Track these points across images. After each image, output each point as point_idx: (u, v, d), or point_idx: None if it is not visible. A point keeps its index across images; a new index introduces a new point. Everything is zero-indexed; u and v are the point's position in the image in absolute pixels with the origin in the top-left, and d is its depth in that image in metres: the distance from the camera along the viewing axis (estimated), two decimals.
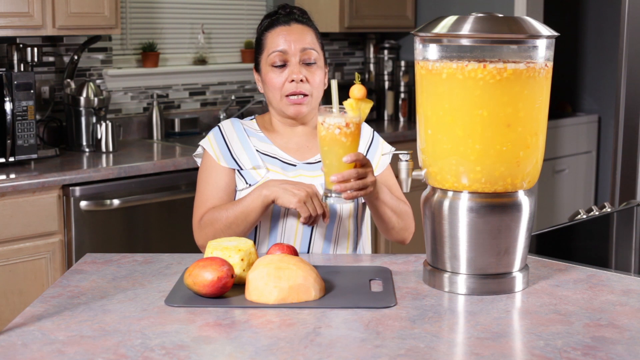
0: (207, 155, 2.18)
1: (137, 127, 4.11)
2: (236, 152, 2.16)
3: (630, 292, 1.74)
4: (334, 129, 1.79)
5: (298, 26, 2.16)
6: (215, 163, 2.16)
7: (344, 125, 1.79)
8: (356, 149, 1.83)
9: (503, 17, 1.66)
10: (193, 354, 1.40)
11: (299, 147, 2.18)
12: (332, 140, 1.80)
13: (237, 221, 2.03)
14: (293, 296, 1.64)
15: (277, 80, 2.12)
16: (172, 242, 3.48)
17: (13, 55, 3.46)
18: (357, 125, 1.81)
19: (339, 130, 1.79)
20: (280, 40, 2.14)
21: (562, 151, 5.31)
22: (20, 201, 3.08)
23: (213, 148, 2.17)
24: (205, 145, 2.19)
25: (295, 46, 2.12)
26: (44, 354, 1.40)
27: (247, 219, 2.03)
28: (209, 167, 2.17)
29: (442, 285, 1.74)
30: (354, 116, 1.80)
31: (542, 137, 1.73)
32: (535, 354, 1.40)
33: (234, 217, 2.03)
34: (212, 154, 2.17)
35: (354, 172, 1.83)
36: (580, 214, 2.49)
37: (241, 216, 2.02)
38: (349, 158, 1.81)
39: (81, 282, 1.81)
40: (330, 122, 1.79)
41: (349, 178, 1.82)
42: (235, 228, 2.04)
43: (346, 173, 1.82)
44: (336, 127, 1.79)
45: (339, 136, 1.79)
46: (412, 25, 4.95)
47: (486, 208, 1.70)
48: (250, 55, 4.54)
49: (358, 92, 1.81)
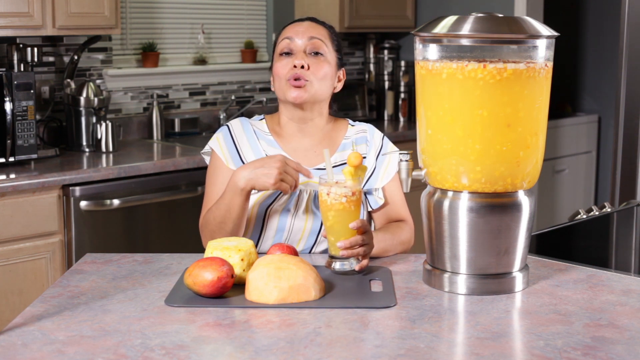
0: (215, 156, 2.17)
1: (137, 127, 4.11)
2: (245, 154, 2.15)
3: (630, 292, 1.74)
4: (341, 199, 1.84)
5: (311, 23, 2.20)
6: (223, 165, 2.15)
7: (350, 195, 1.85)
8: (359, 215, 1.88)
9: (503, 17, 1.66)
10: (193, 354, 1.40)
11: (306, 153, 2.17)
12: (339, 209, 1.85)
13: (224, 220, 2.02)
14: (293, 296, 1.64)
15: (281, 69, 2.13)
16: (172, 242, 3.48)
17: (13, 55, 3.46)
18: (360, 193, 1.87)
19: (345, 199, 1.84)
20: (290, 31, 2.17)
21: (562, 151, 5.31)
22: (20, 201, 3.08)
23: (222, 149, 2.16)
24: (213, 146, 2.17)
25: (303, 35, 2.14)
26: (44, 354, 1.40)
27: (232, 216, 2.01)
28: (217, 168, 2.16)
29: (442, 285, 1.74)
30: (356, 184, 1.86)
31: (542, 137, 1.73)
32: (535, 354, 1.40)
33: (220, 217, 2.03)
34: (220, 155, 2.16)
35: (360, 239, 1.86)
36: (580, 214, 2.49)
37: (226, 214, 2.01)
38: (355, 225, 1.85)
39: (81, 282, 1.81)
40: (337, 192, 1.84)
41: (355, 244, 1.85)
42: (225, 227, 2.03)
43: (353, 240, 1.85)
44: (343, 197, 1.84)
45: (346, 205, 1.84)
46: (412, 25, 4.95)
47: (486, 208, 1.70)
48: (250, 55, 4.55)
49: (355, 160, 1.87)
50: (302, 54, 2.13)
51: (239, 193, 1.98)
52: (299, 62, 2.11)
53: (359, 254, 1.86)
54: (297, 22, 2.20)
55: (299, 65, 2.11)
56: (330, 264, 1.87)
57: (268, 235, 2.13)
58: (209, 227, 2.06)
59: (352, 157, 1.87)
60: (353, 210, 1.86)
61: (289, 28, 2.18)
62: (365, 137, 2.20)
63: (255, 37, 4.64)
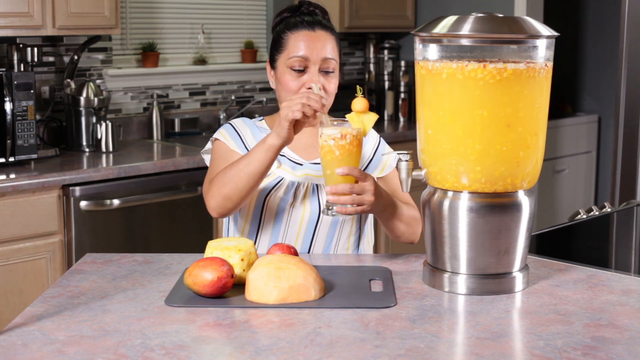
0: (218, 143, 2.16)
1: (137, 127, 4.11)
2: (249, 143, 2.16)
3: (630, 292, 1.74)
4: (329, 141, 1.80)
5: (322, 32, 2.13)
6: (228, 148, 2.14)
7: (339, 137, 1.80)
8: (353, 162, 1.83)
9: (503, 17, 1.66)
10: (193, 354, 1.40)
11: (306, 147, 2.18)
12: (327, 152, 1.81)
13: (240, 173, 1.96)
14: (293, 296, 1.64)
15: (293, 84, 2.10)
16: (172, 242, 3.48)
17: (13, 55, 3.46)
18: (355, 138, 1.81)
19: (333, 142, 1.80)
20: (303, 45, 2.10)
21: (562, 151, 5.31)
22: (20, 201, 3.08)
23: (225, 138, 2.16)
24: (217, 136, 2.17)
25: (317, 54, 2.09)
26: (44, 354, 1.40)
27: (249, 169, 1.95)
28: (221, 150, 2.15)
29: (442, 285, 1.74)
30: (351, 129, 1.80)
31: (542, 137, 1.73)
32: (535, 354, 1.40)
33: (237, 168, 1.97)
34: (224, 141, 2.15)
35: (348, 187, 1.83)
36: (580, 214, 2.49)
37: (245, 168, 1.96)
38: (341, 170, 1.81)
39: (81, 282, 1.81)
40: (327, 133, 1.81)
41: (342, 192, 1.83)
42: (237, 180, 1.97)
43: (340, 186, 1.82)
44: (330, 139, 1.80)
45: (333, 148, 1.80)
46: (412, 25, 4.95)
47: (486, 208, 1.70)
48: (250, 55, 4.54)
49: (359, 105, 1.82)
50: (316, 74, 2.09)
51: (265, 148, 1.93)
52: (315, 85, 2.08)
53: (346, 202, 1.83)
54: (308, 29, 2.12)
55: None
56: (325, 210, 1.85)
57: (266, 226, 2.13)
58: (221, 180, 2.00)
59: (357, 102, 1.82)
60: (340, 155, 1.80)
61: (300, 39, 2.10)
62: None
63: (255, 37, 4.64)
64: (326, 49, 2.11)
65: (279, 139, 1.92)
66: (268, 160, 1.95)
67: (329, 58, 2.11)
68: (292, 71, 2.11)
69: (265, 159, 1.94)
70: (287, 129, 1.90)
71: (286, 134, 1.91)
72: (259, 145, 1.96)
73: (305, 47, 2.10)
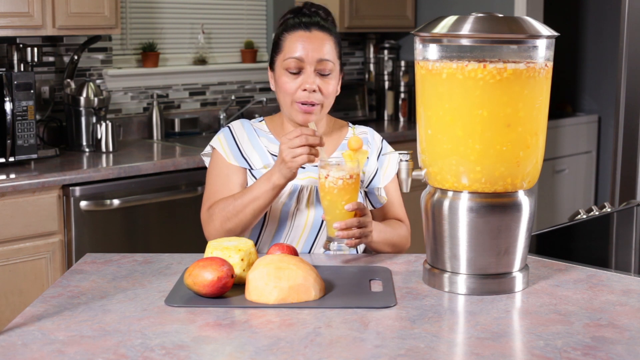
0: (216, 153, 2.17)
1: (137, 127, 4.11)
2: (247, 151, 2.15)
3: (630, 292, 1.74)
4: (337, 181, 1.88)
5: (319, 33, 2.12)
6: (224, 160, 2.15)
7: (348, 177, 1.89)
8: (356, 198, 1.91)
9: (503, 17, 1.66)
10: (193, 354, 1.40)
11: None
12: (336, 192, 1.89)
13: (244, 209, 2.01)
14: (293, 296, 1.64)
15: (289, 86, 2.10)
16: (172, 242, 3.48)
17: (13, 55, 3.46)
18: (358, 176, 1.91)
19: (342, 182, 1.88)
20: (298, 46, 2.10)
21: (562, 151, 5.31)
22: (20, 201, 3.08)
23: (223, 147, 2.16)
24: (214, 145, 2.17)
25: (312, 55, 2.09)
26: (44, 354, 1.40)
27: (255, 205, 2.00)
28: (219, 163, 2.16)
29: (442, 285, 1.74)
30: (355, 167, 1.90)
31: (542, 137, 1.73)
32: (535, 354, 1.40)
33: (241, 205, 2.02)
34: (221, 152, 2.15)
35: (356, 221, 1.91)
36: (580, 214, 2.49)
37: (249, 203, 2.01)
38: (350, 206, 1.89)
39: (81, 282, 1.81)
40: (335, 175, 1.88)
41: (351, 226, 1.90)
42: (242, 217, 2.02)
43: (349, 221, 1.90)
44: (339, 179, 1.88)
45: (343, 187, 1.88)
46: (412, 25, 4.95)
47: (486, 208, 1.70)
48: (250, 55, 4.55)
49: (355, 144, 1.92)
50: (312, 75, 2.09)
51: (271, 187, 1.98)
52: (310, 86, 2.08)
53: (354, 235, 1.90)
54: (304, 30, 2.11)
55: (310, 89, 2.08)
56: (327, 245, 1.92)
57: (269, 231, 2.13)
58: (223, 213, 2.04)
59: (352, 140, 1.91)
60: (350, 193, 1.89)
61: (296, 40, 2.10)
62: (367, 139, 2.21)
63: (255, 37, 4.64)
64: (322, 50, 2.10)
65: (285, 179, 1.98)
66: (274, 197, 2.02)
67: (324, 59, 2.10)
68: (288, 73, 2.10)
69: (271, 197, 2.01)
70: (295, 172, 1.96)
71: (292, 175, 1.97)
72: (263, 182, 2.00)
73: (300, 48, 2.10)
